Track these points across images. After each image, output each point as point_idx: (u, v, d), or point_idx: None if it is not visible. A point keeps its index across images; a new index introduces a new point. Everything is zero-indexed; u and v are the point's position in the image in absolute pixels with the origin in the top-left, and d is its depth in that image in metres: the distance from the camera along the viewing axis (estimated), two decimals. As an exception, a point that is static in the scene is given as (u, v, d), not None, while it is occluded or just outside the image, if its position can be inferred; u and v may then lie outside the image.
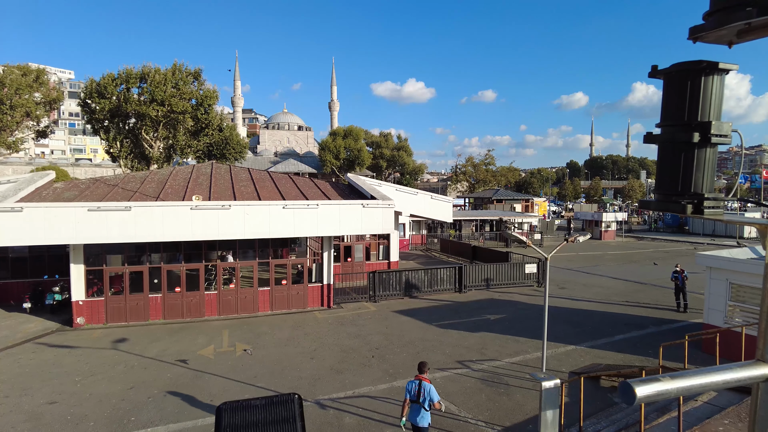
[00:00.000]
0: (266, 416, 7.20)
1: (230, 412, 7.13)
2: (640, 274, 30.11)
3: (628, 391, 1.93)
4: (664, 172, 2.67)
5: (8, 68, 37.66)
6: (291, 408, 7.37)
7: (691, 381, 2.03)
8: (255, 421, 7.12)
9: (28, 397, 12.30)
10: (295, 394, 7.55)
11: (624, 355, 15.48)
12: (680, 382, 2.00)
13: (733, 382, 2.15)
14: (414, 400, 8.67)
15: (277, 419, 7.22)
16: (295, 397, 7.47)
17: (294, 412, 7.36)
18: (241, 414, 7.14)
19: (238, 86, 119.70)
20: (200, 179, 23.85)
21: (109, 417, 11.24)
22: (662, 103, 2.66)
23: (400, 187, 27.89)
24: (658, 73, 2.65)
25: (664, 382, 1.96)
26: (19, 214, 16.07)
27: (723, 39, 2.38)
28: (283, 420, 7.23)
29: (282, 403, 7.39)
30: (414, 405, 8.71)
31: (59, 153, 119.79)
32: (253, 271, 21.05)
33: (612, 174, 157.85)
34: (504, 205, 54.20)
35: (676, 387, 1.99)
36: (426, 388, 8.62)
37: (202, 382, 13.23)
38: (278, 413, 7.27)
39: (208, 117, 41.70)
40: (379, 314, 20.51)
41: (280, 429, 7.15)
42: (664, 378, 1.98)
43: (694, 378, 2.04)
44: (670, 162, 2.62)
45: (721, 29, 2.28)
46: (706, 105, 2.49)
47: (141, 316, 19.36)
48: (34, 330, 18.45)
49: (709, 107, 2.49)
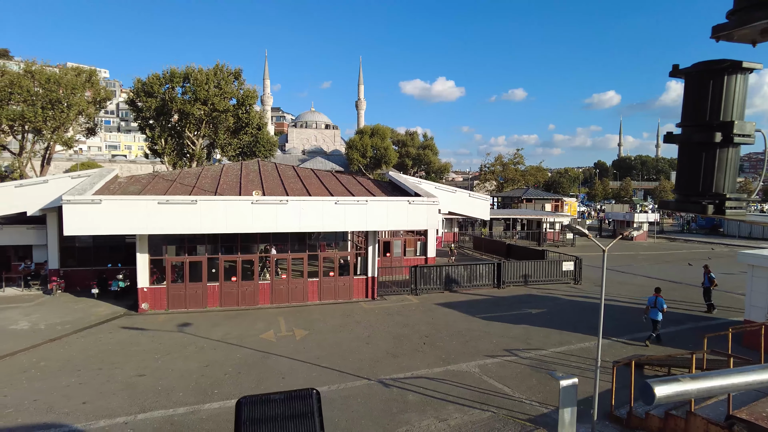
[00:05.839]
0: (285, 411, 7.25)
1: (250, 406, 7.17)
2: (674, 273, 30.29)
3: (647, 391, 1.93)
4: (684, 172, 2.64)
5: (63, 69, 39.77)
6: (309, 403, 7.40)
7: (712, 382, 1.98)
8: (274, 415, 7.15)
9: (119, 370, 13.61)
10: (313, 389, 7.59)
11: (665, 348, 16.04)
12: (700, 383, 1.95)
13: (756, 384, 2.10)
14: (652, 306, 16.28)
15: (296, 414, 7.25)
16: (314, 393, 7.51)
17: (312, 407, 7.38)
18: (260, 408, 7.19)
19: (267, 85, 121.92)
20: (250, 176, 25.11)
21: (193, 389, 12.43)
22: (683, 102, 2.62)
23: (438, 185, 28.74)
24: (679, 72, 2.60)
25: (683, 382, 1.93)
26: (98, 205, 17.48)
27: (746, 38, 2.35)
28: (301, 415, 7.26)
29: (301, 398, 7.44)
30: (652, 310, 16.26)
31: (95, 149, 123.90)
32: (303, 262, 22.19)
33: (641, 175, 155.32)
34: (534, 205, 54.47)
35: (696, 388, 1.95)
36: (659, 300, 16.19)
37: (270, 362, 14.36)
38: (297, 408, 7.32)
39: (248, 116, 43.22)
40: (422, 306, 21.42)
41: (299, 423, 7.19)
42: (683, 378, 1.96)
43: (715, 379, 2.00)
44: (691, 162, 2.58)
45: (744, 28, 2.26)
46: (728, 104, 2.42)
47: (199, 303, 20.68)
48: (104, 313, 19.92)
49: (732, 107, 2.43)
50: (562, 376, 8.51)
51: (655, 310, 16.32)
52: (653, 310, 16.36)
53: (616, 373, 11.24)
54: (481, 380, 13.18)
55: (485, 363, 14.46)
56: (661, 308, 16.22)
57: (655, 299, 16.43)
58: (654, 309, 16.34)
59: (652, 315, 16.38)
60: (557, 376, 8.68)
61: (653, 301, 16.44)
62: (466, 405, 11.65)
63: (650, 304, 16.53)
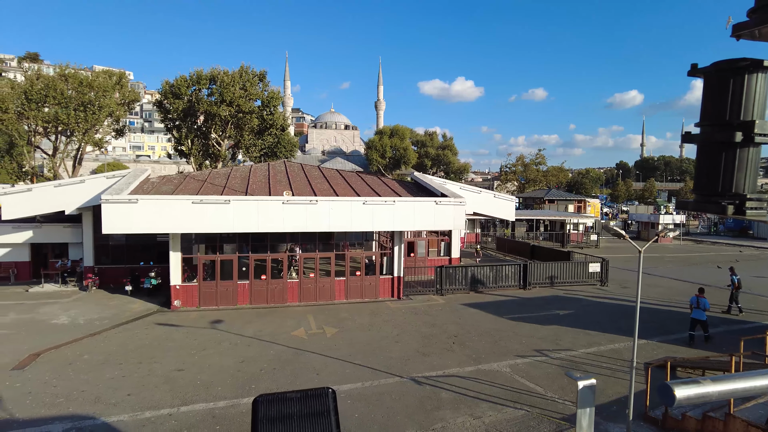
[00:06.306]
0: (301, 409, 7.30)
1: (266, 404, 7.22)
2: (702, 276, 29.81)
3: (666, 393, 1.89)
4: (703, 172, 2.60)
5: (95, 72, 40.93)
6: (325, 402, 7.43)
7: (734, 385, 1.92)
8: (290, 414, 7.21)
9: (158, 364, 14.06)
10: (329, 388, 7.64)
11: (697, 351, 15.90)
12: (722, 386, 1.89)
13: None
14: (695, 306, 16.42)
15: (312, 412, 7.31)
16: (329, 392, 7.55)
17: (328, 405, 7.41)
18: (276, 406, 7.25)
19: (288, 87, 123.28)
20: (278, 176, 25.54)
21: (231, 384, 12.79)
22: (702, 101, 2.58)
23: (464, 185, 28.80)
24: (698, 71, 2.56)
25: (704, 384, 1.88)
26: (135, 205, 18.04)
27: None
28: (317, 413, 7.31)
29: (317, 396, 7.48)
30: (695, 310, 16.37)
31: (120, 150, 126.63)
32: (331, 261, 22.51)
33: (665, 176, 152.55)
34: (557, 206, 54.04)
35: (717, 390, 1.88)
36: (702, 300, 16.33)
37: (303, 359, 14.67)
38: (313, 406, 7.37)
39: (272, 117, 43.84)
40: (448, 306, 21.55)
41: (315, 422, 7.22)
42: (704, 381, 1.91)
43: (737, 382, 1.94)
44: (710, 162, 2.54)
45: (765, 26, 2.24)
46: (749, 103, 2.37)
47: (230, 300, 21.13)
48: (138, 310, 20.51)
49: (753, 106, 2.37)
50: (580, 377, 8.53)
51: (698, 311, 16.49)
52: (696, 310, 16.54)
53: (650, 373, 11.24)
54: (513, 379, 13.28)
55: (516, 363, 14.55)
56: (705, 308, 16.41)
57: (697, 299, 16.61)
58: (697, 309, 16.51)
59: (696, 315, 16.56)
60: (575, 376, 8.70)
61: (695, 301, 16.63)
62: (499, 403, 11.78)
63: (693, 304, 16.71)
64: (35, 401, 11.55)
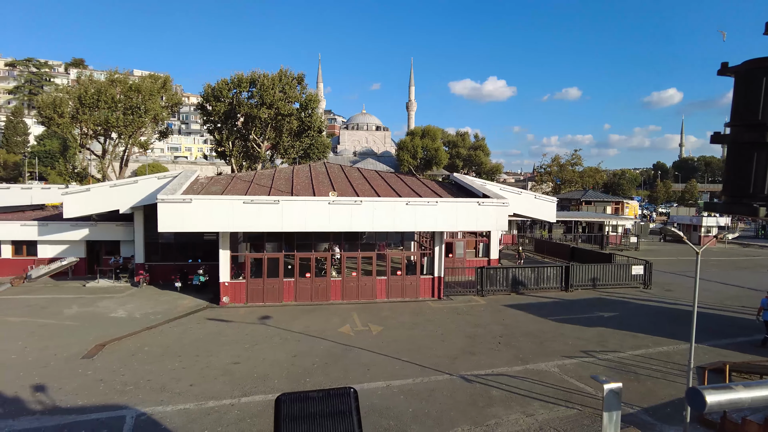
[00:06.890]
0: (323, 408, 7.32)
1: (289, 403, 7.24)
2: (752, 280, 28.91)
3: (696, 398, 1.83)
4: (733, 173, 2.56)
5: (141, 77, 42.64)
6: (347, 401, 7.43)
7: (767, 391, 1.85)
8: (312, 413, 7.24)
9: (214, 358, 14.69)
10: (350, 387, 7.68)
11: (751, 356, 15.54)
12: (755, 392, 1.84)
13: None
14: (765, 308, 16.17)
15: (334, 411, 7.31)
16: (351, 391, 7.57)
17: (350, 405, 7.41)
18: (299, 405, 7.28)
19: (320, 88, 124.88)
20: (320, 177, 26.11)
21: (287, 377, 13.28)
22: (733, 101, 2.52)
23: (504, 186, 28.77)
24: (729, 70, 2.51)
25: (736, 390, 1.83)
26: (189, 204, 18.82)
27: None
28: (339, 413, 7.31)
29: (338, 396, 7.50)
30: (765, 311, 16.17)
31: (158, 151, 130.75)
32: (372, 261, 22.89)
33: (705, 177, 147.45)
34: (594, 207, 53.11)
35: (750, 396, 1.84)
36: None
37: (352, 354, 15.06)
38: (335, 406, 7.37)
39: (310, 119, 44.70)
40: (489, 307, 21.62)
41: (337, 421, 7.23)
42: (737, 386, 1.86)
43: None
44: (741, 163, 2.50)
45: None
46: None
47: (276, 297, 21.76)
48: (189, 305, 21.35)
49: None
50: (606, 380, 8.60)
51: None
52: (766, 311, 16.45)
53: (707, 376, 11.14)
54: (562, 379, 13.34)
55: (563, 363, 14.57)
56: None
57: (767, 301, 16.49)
58: (767, 311, 16.43)
59: (766, 317, 16.47)
60: (601, 380, 8.74)
61: (766, 302, 16.50)
62: (550, 402, 11.88)
63: (764, 305, 16.59)
64: (107, 388, 12.30)
